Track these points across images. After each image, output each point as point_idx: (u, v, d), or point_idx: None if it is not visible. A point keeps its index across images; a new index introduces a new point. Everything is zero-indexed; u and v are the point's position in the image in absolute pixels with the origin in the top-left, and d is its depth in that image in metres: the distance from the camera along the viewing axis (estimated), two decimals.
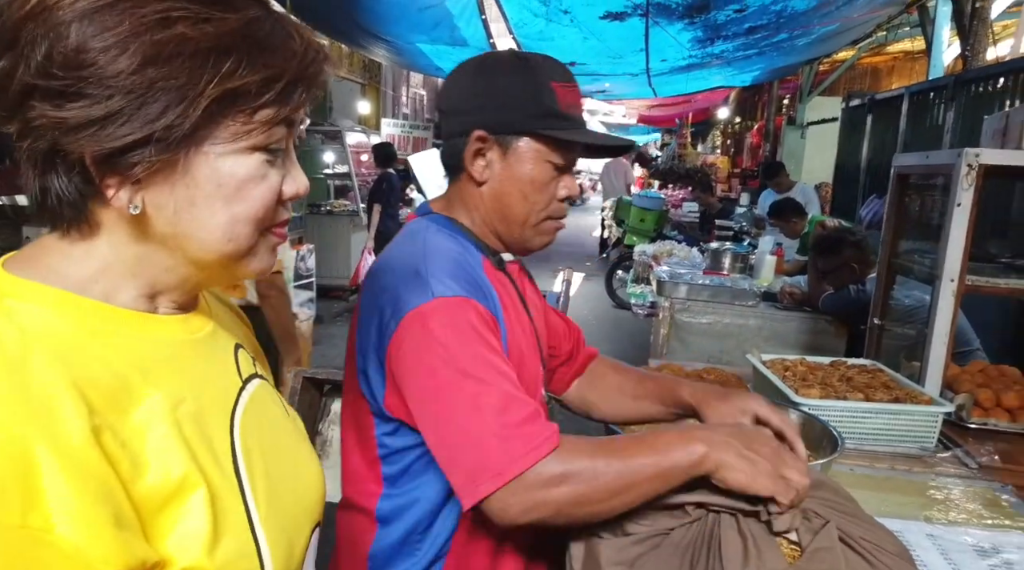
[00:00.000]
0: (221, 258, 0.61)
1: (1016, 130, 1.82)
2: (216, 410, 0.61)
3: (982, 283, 1.92)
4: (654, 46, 5.44)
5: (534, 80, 1.05)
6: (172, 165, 0.56)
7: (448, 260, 1.02)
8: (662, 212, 8.00)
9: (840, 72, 9.95)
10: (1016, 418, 1.89)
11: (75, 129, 0.52)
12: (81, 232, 0.57)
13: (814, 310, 3.59)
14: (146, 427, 0.53)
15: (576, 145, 1.10)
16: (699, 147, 17.24)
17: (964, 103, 4.52)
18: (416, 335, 0.95)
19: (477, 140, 1.06)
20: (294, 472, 0.69)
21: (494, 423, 0.88)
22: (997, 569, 1.25)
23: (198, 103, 0.54)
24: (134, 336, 0.58)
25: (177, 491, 0.53)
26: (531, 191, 1.08)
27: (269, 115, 0.58)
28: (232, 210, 0.59)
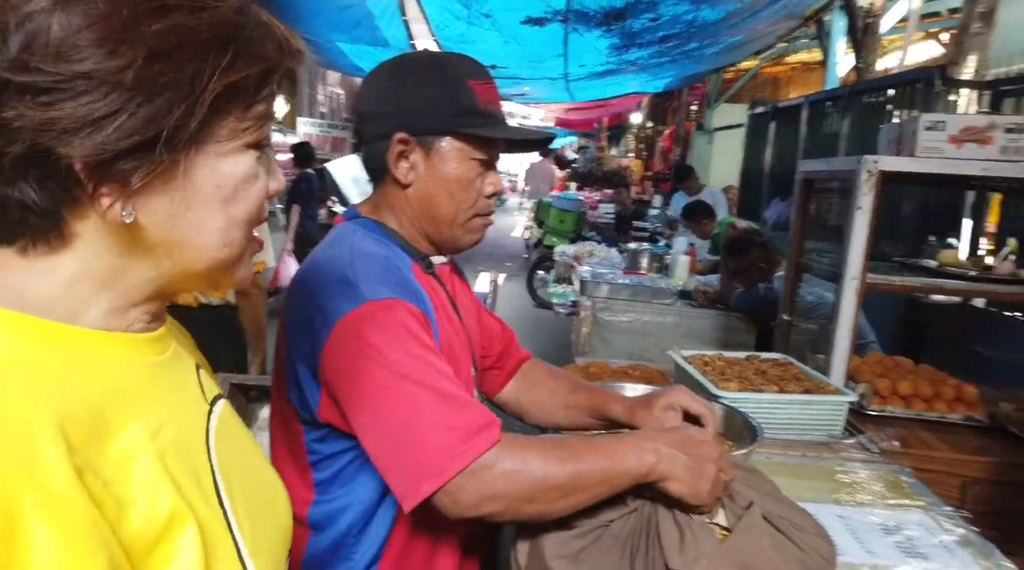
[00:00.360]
0: (213, 265, 0.57)
1: (910, 139, 1.98)
2: (192, 437, 0.57)
3: (881, 281, 2.07)
4: (573, 52, 5.55)
5: (451, 80, 1.06)
6: (173, 168, 0.51)
7: (375, 263, 1.02)
8: (581, 213, 8.17)
9: (744, 81, 10.46)
10: (910, 405, 2.05)
11: (67, 131, 0.46)
12: (50, 245, 0.51)
13: (726, 308, 3.77)
14: (127, 462, 0.48)
15: (498, 141, 1.11)
16: (613, 150, 17.68)
17: (857, 112, 4.85)
18: (349, 342, 0.94)
19: (399, 143, 1.06)
20: (267, 496, 0.65)
21: (433, 423, 0.89)
22: (901, 545, 1.36)
23: (203, 99, 0.50)
24: (105, 360, 0.53)
25: (166, 529, 0.49)
26: (457, 190, 1.09)
27: (262, 110, 0.55)
28: (229, 213, 0.55)
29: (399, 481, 0.89)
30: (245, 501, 0.58)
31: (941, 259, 2.25)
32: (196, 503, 0.51)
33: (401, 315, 0.95)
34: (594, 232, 7.97)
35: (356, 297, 0.95)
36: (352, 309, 0.94)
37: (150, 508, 0.48)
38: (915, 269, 2.25)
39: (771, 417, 1.81)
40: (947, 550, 1.35)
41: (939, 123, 1.96)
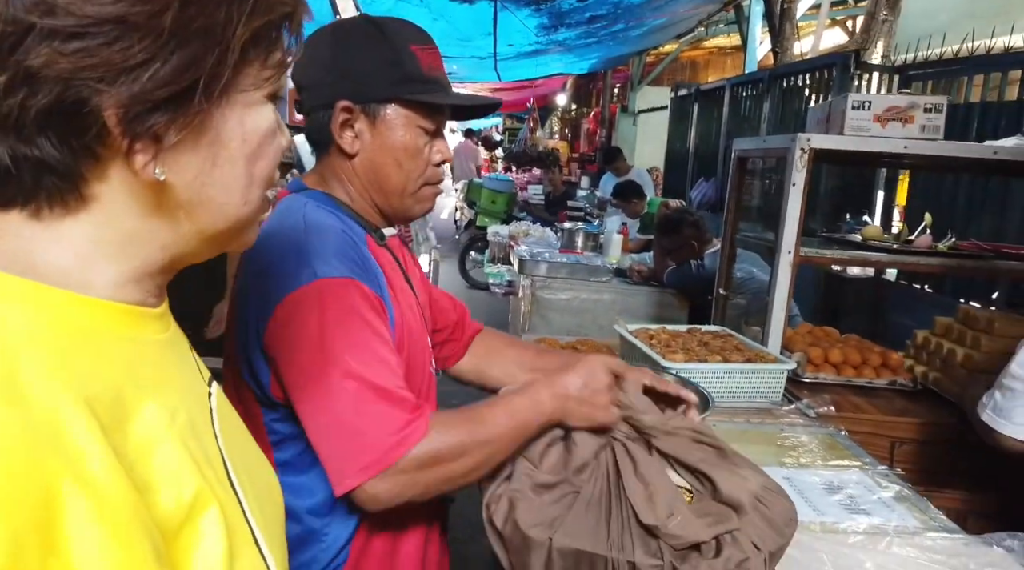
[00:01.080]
0: (233, 225, 0.54)
1: (838, 118, 2.07)
2: (201, 419, 0.54)
3: (813, 254, 2.17)
4: (502, 30, 5.52)
5: (394, 45, 1.02)
6: (206, 121, 0.48)
7: (332, 237, 0.99)
8: (512, 194, 8.19)
9: (665, 64, 10.69)
10: (841, 372, 2.16)
11: (101, 80, 0.43)
12: (66, 208, 0.47)
13: (659, 285, 3.87)
14: (149, 443, 0.46)
15: (444, 108, 1.09)
16: (538, 132, 17.77)
17: (777, 94, 5.04)
18: (296, 319, 0.92)
19: (343, 111, 1.03)
20: (266, 482, 0.63)
21: (367, 413, 0.89)
22: (844, 503, 1.43)
23: (234, 46, 0.47)
24: (121, 336, 0.49)
25: (191, 512, 0.46)
26: (405, 158, 1.06)
27: (279, 58, 0.52)
28: (252, 170, 0.53)
29: (331, 466, 0.90)
30: (252, 486, 0.56)
31: (865, 234, 2.38)
32: (214, 485, 0.49)
33: (353, 296, 0.94)
34: (524, 212, 8.01)
35: (308, 273, 0.93)
36: (303, 285, 0.92)
37: (176, 491, 0.46)
38: (842, 243, 2.36)
39: (717, 386, 1.87)
40: (886, 505, 1.43)
41: (865, 103, 2.06)
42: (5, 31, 0.41)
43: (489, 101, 1.20)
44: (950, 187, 3.44)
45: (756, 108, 5.36)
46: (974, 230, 3.24)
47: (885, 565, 1.18)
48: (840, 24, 8.85)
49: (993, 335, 2.01)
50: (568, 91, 13.93)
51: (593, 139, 11.98)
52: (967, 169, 2.82)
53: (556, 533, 0.91)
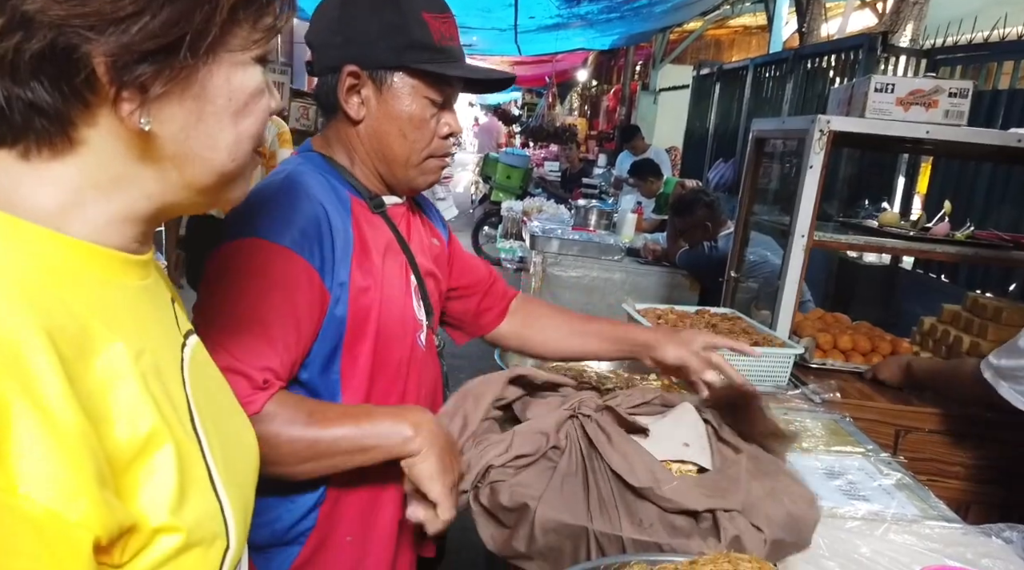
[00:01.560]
0: (219, 180, 0.56)
1: (860, 100, 2.03)
2: (169, 364, 0.56)
3: (827, 239, 2.14)
4: (524, 2, 5.43)
5: (405, 11, 1.00)
6: (191, 76, 0.50)
7: (295, 202, 0.98)
8: (528, 170, 8.15)
9: (689, 42, 10.50)
10: (849, 358, 2.14)
11: (92, 28, 0.45)
12: (54, 150, 0.49)
13: (672, 265, 3.84)
14: (110, 378, 0.48)
15: (455, 79, 1.06)
16: (557, 108, 17.60)
17: (801, 75, 4.95)
18: (222, 265, 0.95)
19: (349, 76, 1.02)
20: (237, 432, 0.65)
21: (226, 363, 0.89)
22: (843, 488, 1.43)
23: (222, 4, 0.49)
24: (94, 274, 0.52)
25: (144, 447, 0.48)
26: (410, 129, 1.05)
27: (270, 23, 0.54)
28: (239, 126, 0.55)
29: None
30: (218, 434, 0.58)
31: (882, 220, 2.34)
32: (174, 426, 0.51)
33: (280, 264, 0.95)
34: (540, 189, 7.97)
35: (251, 228, 0.95)
36: (242, 237, 0.95)
37: (130, 425, 0.48)
38: (858, 228, 2.33)
39: None
40: (886, 493, 1.43)
41: (888, 85, 2.01)
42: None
43: (502, 75, 1.17)
44: (972, 175, 3.37)
45: (779, 89, 5.26)
46: (995, 220, 3.18)
47: (881, 551, 1.18)
48: (870, 6, 8.63)
49: (1000, 324, 1.99)
50: (589, 67, 13.75)
51: (613, 116, 11.84)
52: (990, 157, 2.75)
53: (538, 506, 0.91)
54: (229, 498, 0.55)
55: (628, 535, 0.85)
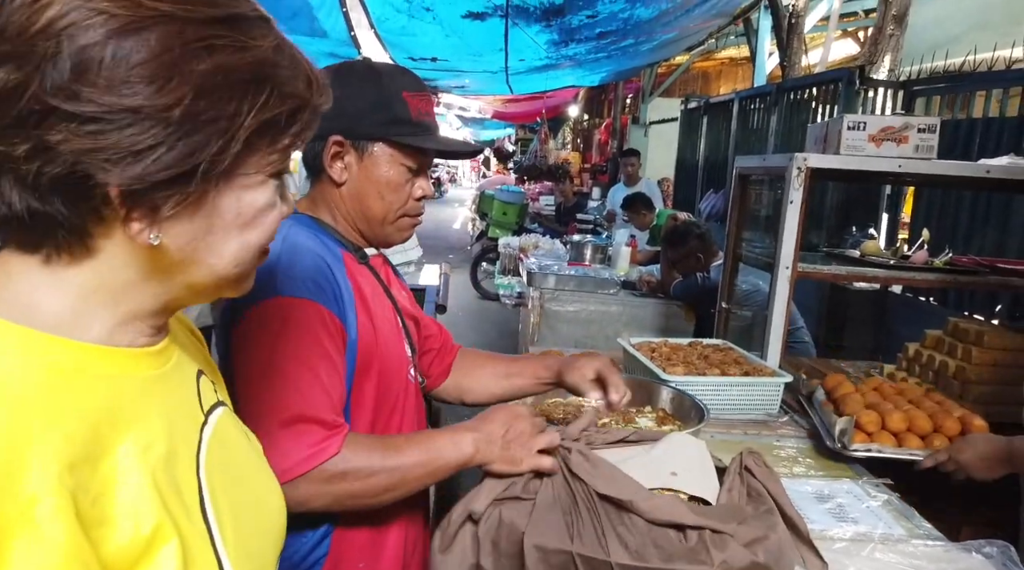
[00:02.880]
0: (221, 283, 0.59)
1: (835, 138, 2.14)
2: (183, 450, 0.57)
3: (811, 270, 2.23)
4: (513, 46, 5.60)
5: (387, 90, 1.14)
6: (203, 198, 0.53)
7: (301, 259, 1.08)
8: (523, 205, 8.28)
9: (676, 75, 10.75)
10: (902, 442, 1.74)
11: (108, 160, 0.48)
12: (72, 257, 0.53)
13: (666, 296, 3.93)
14: (115, 480, 0.49)
15: (429, 150, 1.20)
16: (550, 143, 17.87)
17: (784, 107, 5.10)
18: (250, 333, 1.03)
19: (335, 144, 1.14)
20: (258, 504, 0.66)
21: (291, 423, 0.98)
22: (833, 511, 1.50)
23: (239, 136, 0.52)
24: (104, 376, 0.53)
25: (148, 545, 0.49)
26: (387, 192, 1.17)
27: (287, 144, 0.57)
28: (246, 238, 0.57)
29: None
30: (233, 511, 0.59)
31: (864, 249, 2.43)
32: (180, 519, 0.52)
33: (307, 315, 1.04)
34: (536, 223, 8.09)
35: (270, 290, 1.03)
36: (263, 300, 1.03)
37: (134, 525, 0.49)
38: (841, 259, 2.42)
39: (715, 398, 1.94)
40: (873, 514, 1.49)
41: (860, 123, 2.12)
42: (32, 109, 0.46)
43: (470, 147, 1.35)
44: (954, 203, 3.48)
45: (764, 121, 5.42)
46: (978, 245, 3.28)
47: None
48: (852, 35, 8.89)
49: (983, 347, 2.06)
50: (580, 102, 14.02)
51: (605, 150, 12.05)
52: (964, 186, 2.86)
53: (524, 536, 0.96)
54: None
55: (616, 560, 0.90)
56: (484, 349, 1.65)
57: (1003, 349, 2.04)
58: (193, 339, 0.73)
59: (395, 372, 1.20)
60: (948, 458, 1.60)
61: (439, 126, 1.23)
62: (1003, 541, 1.32)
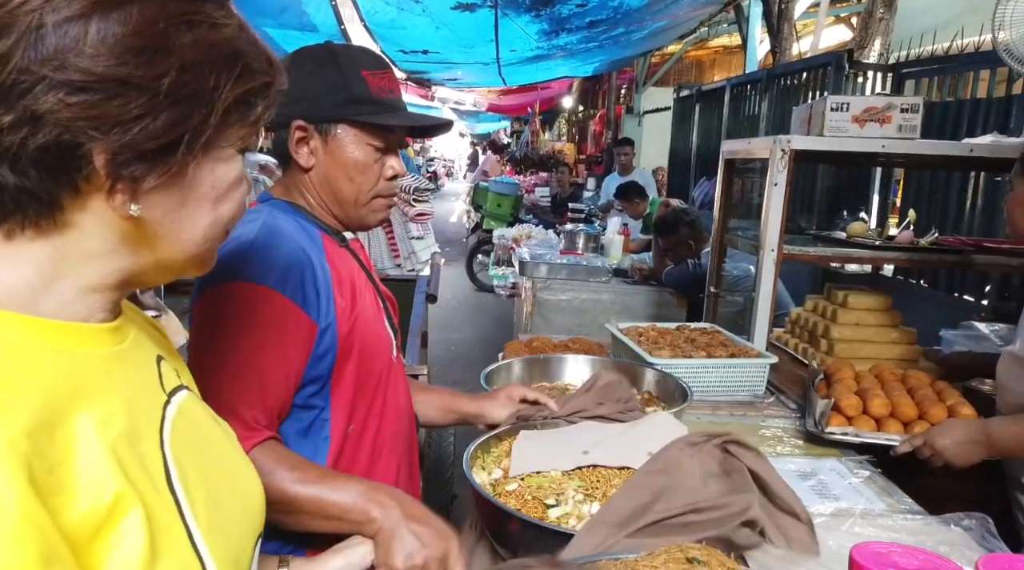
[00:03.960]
0: (189, 258, 0.60)
1: (819, 119, 2.14)
2: (146, 426, 0.58)
3: (796, 252, 2.24)
4: (504, 37, 5.60)
5: (345, 70, 1.13)
6: (183, 170, 0.55)
7: (278, 245, 1.08)
8: (518, 197, 8.29)
9: (670, 64, 10.74)
10: (882, 426, 1.70)
11: (97, 129, 0.49)
12: (39, 230, 0.53)
13: (659, 284, 3.94)
14: (73, 450, 0.50)
15: (395, 127, 1.19)
16: (546, 134, 17.85)
17: (775, 93, 5.10)
18: (207, 308, 1.04)
19: (298, 130, 1.14)
20: (232, 484, 0.67)
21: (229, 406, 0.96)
22: (815, 488, 1.51)
23: (218, 109, 0.54)
24: (63, 351, 0.54)
25: (110, 514, 0.49)
26: (356, 173, 1.17)
27: (254, 120, 0.59)
28: (218, 212, 0.60)
29: None
30: (204, 488, 0.60)
31: (850, 231, 2.44)
32: (144, 490, 0.53)
33: (267, 305, 1.03)
34: (531, 215, 8.10)
35: (229, 273, 1.03)
36: (226, 282, 1.04)
37: (94, 494, 0.49)
38: (827, 241, 2.43)
39: (701, 380, 1.95)
40: (856, 490, 1.51)
41: (844, 104, 2.13)
42: (19, 79, 0.47)
43: (437, 121, 1.31)
44: (943, 184, 3.49)
45: (755, 108, 5.42)
46: (968, 225, 3.28)
47: (845, 544, 1.25)
48: (845, 21, 8.87)
49: (847, 308, 2.24)
50: (575, 93, 13.99)
51: (600, 140, 12.04)
52: (954, 166, 2.87)
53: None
54: (213, 552, 0.56)
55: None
56: (479, 341, 1.66)
57: (863, 309, 2.26)
58: (152, 329, 0.73)
59: (377, 354, 1.20)
60: (924, 443, 1.58)
61: (404, 102, 1.22)
62: (981, 513, 1.33)
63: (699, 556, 0.80)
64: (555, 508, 1.10)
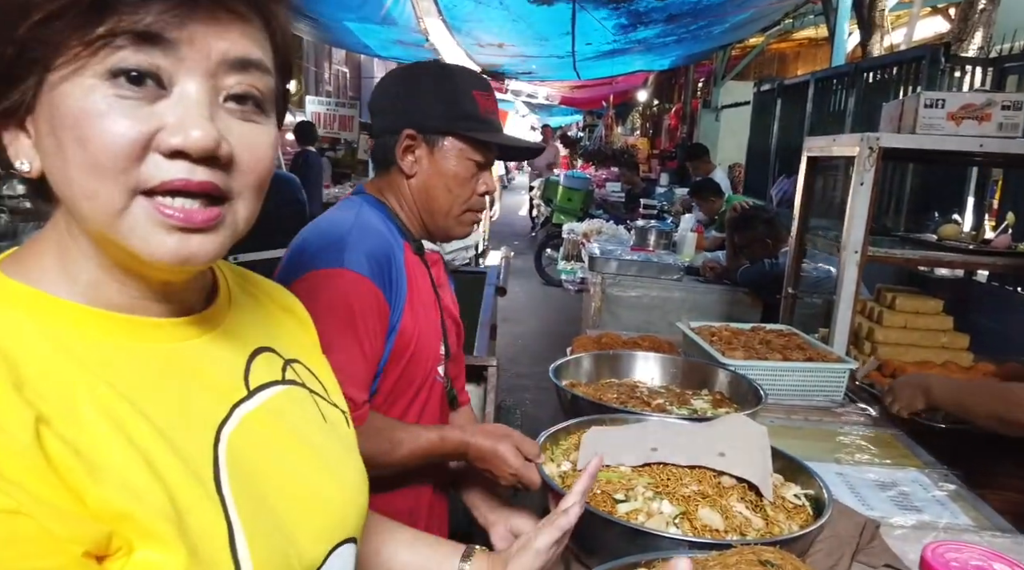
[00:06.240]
0: (100, 230, 0.51)
1: (910, 116, 2.04)
2: (199, 424, 0.56)
3: (880, 253, 2.15)
4: (580, 30, 5.57)
5: (458, 88, 1.21)
6: (33, 102, 0.50)
7: (370, 238, 1.15)
8: (588, 192, 8.23)
9: (751, 58, 10.41)
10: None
11: None
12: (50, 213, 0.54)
13: (732, 283, 3.85)
14: (102, 439, 0.49)
15: (494, 146, 1.25)
16: (619, 129, 17.64)
17: (863, 89, 4.88)
18: (308, 295, 1.08)
19: (407, 138, 1.21)
20: (308, 487, 0.63)
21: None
22: (895, 499, 1.45)
23: (20, 24, 0.47)
24: (97, 341, 0.53)
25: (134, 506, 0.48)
26: (455, 185, 1.23)
27: (105, 31, 0.48)
28: (82, 154, 0.49)
29: None
30: (261, 491, 0.57)
31: (941, 233, 2.33)
32: (180, 486, 0.51)
33: (360, 292, 1.10)
34: (601, 210, 8.04)
35: (336, 259, 1.10)
36: (327, 268, 1.10)
37: (121, 478, 0.48)
38: (915, 243, 2.32)
39: (776, 384, 1.90)
40: (940, 504, 1.44)
41: (939, 100, 2.02)
42: None
43: (533, 145, 1.41)
44: None
45: (841, 103, 5.20)
46: None
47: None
48: (942, 12, 8.39)
49: (895, 310, 2.18)
50: (649, 87, 13.78)
51: (675, 135, 11.82)
52: None
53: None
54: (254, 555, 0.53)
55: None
56: (546, 335, 1.68)
57: (910, 312, 2.19)
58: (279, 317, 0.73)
59: (422, 366, 1.25)
60: (888, 388, 1.82)
61: (502, 124, 1.30)
62: None
63: (772, 558, 0.79)
64: (624, 503, 1.10)
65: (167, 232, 0.51)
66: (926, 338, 2.17)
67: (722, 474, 1.14)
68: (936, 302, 2.22)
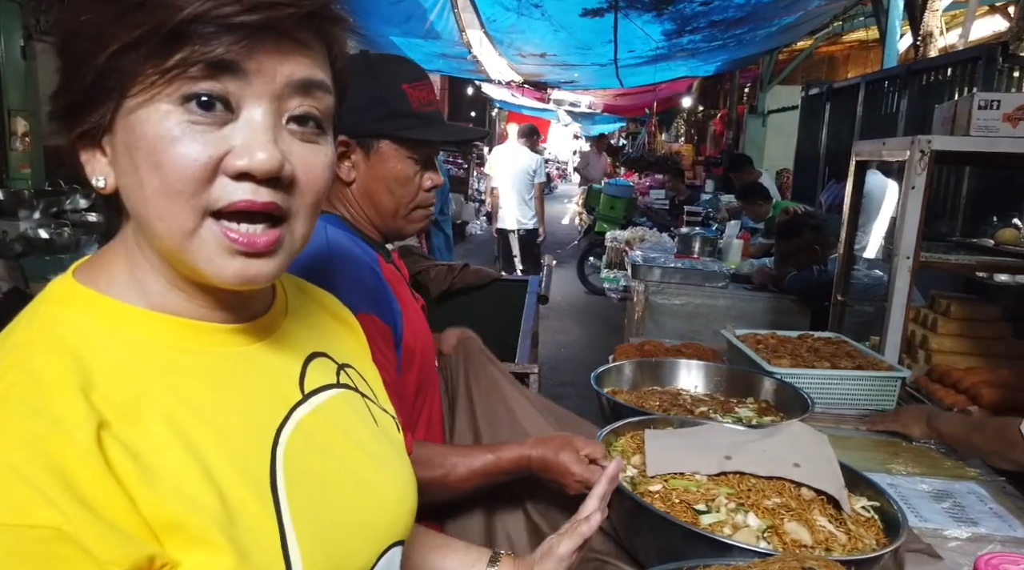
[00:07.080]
0: (170, 249, 0.54)
1: (964, 118, 1.99)
2: (255, 427, 0.57)
3: (934, 260, 2.10)
4: (623, 38, 5.56)
5: (383, 84, 1.12)
6: (112, 130, 0.53)
7: (357, 269, 1.10)
8: (631, 199, 8.18)
9: (798, 61, 10.21)
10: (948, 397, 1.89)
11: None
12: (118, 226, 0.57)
13: (779, 290, 3.78)
14: (160, 443, 0.50)
15: (435, 142, 1.19)
16: (663, 135, 17.50)
17: (915, 91, 4.74)
18: None
19: (340, 144, 1.13)
20: (361, 489, 0.63)
21: None
22: (950, 511, 1.41)
23: (100, 56, 0.51)
24: (164, 345, 0.55)
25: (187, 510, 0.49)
26: (396, 187, 1.16)
27: (180, 60, 0.50)
28: (158, 178, 0.51)
29: None
30: (318, 493, 0.58)
31: (999, 238, 2.25)
32: (234, 490, 0.52)
33: (372, 330, 1.03)
34: (644, 217, 7.98)
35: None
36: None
37: (175, 484, 0.49)
38: (971, 248, 2.25)
39: (824, 392, 1.87)
40: (997, 516, 1.39)
41: (994, 102, 1.97)
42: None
43: (475, 134, 1.41)
44: None
45: (892, 106, 5.07)
46: None
47: None
48: (1000, 10, 8.09)
49: (949, 318, 2.12)
50: (694, 92, 13.64)
51: (720, 141, 11.67)
52: None
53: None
54: (306, 557, 0.54)
55: None
56: (589, 343, 1.66)
57: (965, 319, 2.12)
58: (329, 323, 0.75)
59: (429, 360, 1.24)
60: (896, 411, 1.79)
61: (441, 114, 1.22)
62: None
63: (816, 566, 0.78)
64: (707, 515, 1.05)
65: (231, 256, 0.53)
66: (983, 346, 2.10)
67: (800, 486, 1.12)
68: (994, 309, 2.16)
